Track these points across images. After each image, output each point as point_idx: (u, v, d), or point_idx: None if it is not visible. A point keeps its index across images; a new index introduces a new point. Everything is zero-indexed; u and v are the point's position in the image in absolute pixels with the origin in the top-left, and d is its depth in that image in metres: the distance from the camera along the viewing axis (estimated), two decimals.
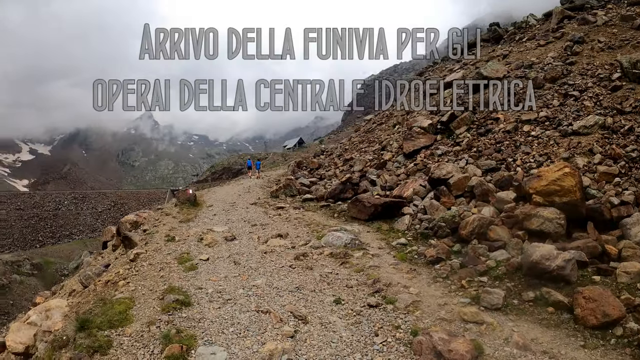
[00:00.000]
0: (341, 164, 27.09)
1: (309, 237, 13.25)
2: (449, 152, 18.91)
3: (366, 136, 30.96)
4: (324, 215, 16.88)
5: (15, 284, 61.11)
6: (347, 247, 12.17)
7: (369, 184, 19.67)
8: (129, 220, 17.18)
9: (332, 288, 9.35)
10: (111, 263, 12.60)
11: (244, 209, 18.80)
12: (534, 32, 27.45)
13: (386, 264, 10.90)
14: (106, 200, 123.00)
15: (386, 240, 13.07)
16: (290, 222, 15.58)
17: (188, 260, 10.84)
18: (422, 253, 11.50)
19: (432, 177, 15.98)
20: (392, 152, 22.90)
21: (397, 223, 14.45)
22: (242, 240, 13.02)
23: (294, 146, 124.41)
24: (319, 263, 10.92)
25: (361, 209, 15.50)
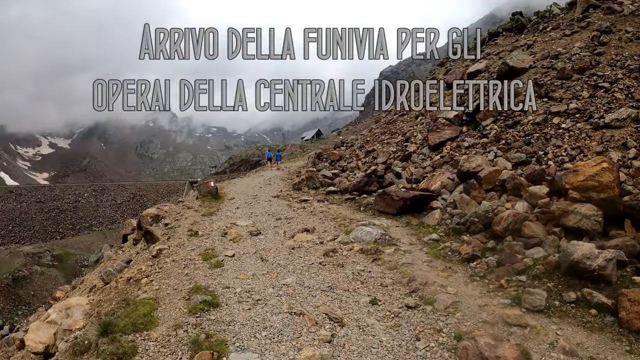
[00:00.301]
0: (363, 156, 26.61)
1: (336, 232, 12.68)
2: (476, 144, 18.23)
3: (387, 127, 30.30)
4: (349, 209, 16.30)
5: (36, 275, 62.43)
6: (377, 242, 11.59)
7: (394, 176, 19.05)
8: (150, 214, 16.81)
9: (366, 287, 8.78)
10: (132, 259, 12.20)
11: (266, 202, 18.31)
12: (558, 21, 26.37)
13: (420, 261, 10.31)
14: (125, 192, 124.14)
15: (417, 236, 12.45)
16: (316, 215, 15.03)
17: (213, 256, 10.34)
18: (456, 250, 10.88)
19: (461, 170, 15.25)
20: (416, 144, 22.21)
21: (427, 218, 13.81)
22: (267, 235, 12.49)
23: (312, 137, 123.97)
24: (349, 260, 10.35)
25: (389, 203, 14.88)
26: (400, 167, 19.88)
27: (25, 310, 54.59)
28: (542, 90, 18.43)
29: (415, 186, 17.27)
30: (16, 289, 58.51)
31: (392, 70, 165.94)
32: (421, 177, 17.92)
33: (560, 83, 18.34)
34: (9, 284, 58.20)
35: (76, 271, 66.52)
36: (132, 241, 17.46)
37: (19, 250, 69.53)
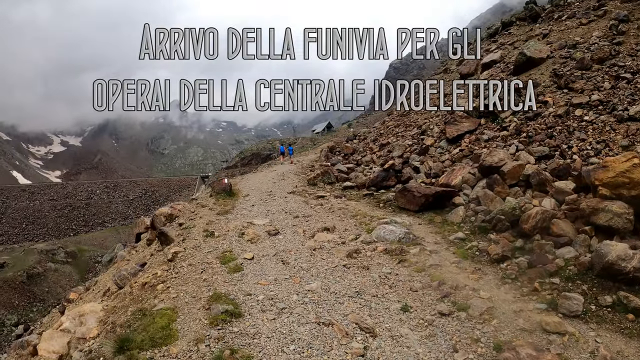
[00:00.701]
0: (377, 149, 26.03)
1: (357, 231, 12.15)
2: (496, 137, 17.60)
3: (402, 120, 29.64)
4: (368, 205, 15.76)
5: (50, 272, 63.21)
6: (401, 242, 11.05)
7: (412, 170, 18.47)
8: (164, 213, 16.42)
9: (395, 292, 8.24)
10: (147, 261, 11.79)
11: (282, 199, 17.82)
12: (574, 9, 25.65)
13: (447, 263, 9.77)
14: (137, 188, 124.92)
15: (441, 234, 11.90)
16: (334, 213, 14.50)
17: (231, 259, 9.86)
18: (484, 250, 10.37)
19: (483, 165, 14.61)
20: (433, 137, 21.55)
21: (451, 215, 13.23)
22: (286, 235, 11.99)
23: (322, 130, 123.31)
24: (374, 261, 9.82)
25: (410, 199, 14.31)
26: (418, 161, 19.27)
27: (40, 307, 55.77)
28: (561, 81, 17.77)
29: (434, 181, 16.71)
30: (30, 286, 59.07)
31: (402, 63, 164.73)
32: (440, 172, 17.35)
33: (580, 74, 17.64)
34: (24, 281, 58.73)
35: (90, 267, 67.08)
36: (146, 241, 17.11)
37: (33, 248, 70.24)
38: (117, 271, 12.27)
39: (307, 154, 48.46)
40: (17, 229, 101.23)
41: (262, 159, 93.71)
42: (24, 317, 52.24)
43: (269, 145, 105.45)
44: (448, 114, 22.38)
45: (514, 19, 32.19)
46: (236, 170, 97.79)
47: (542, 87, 18.45)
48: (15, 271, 59.97)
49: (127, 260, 17.60)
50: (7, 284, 57.18)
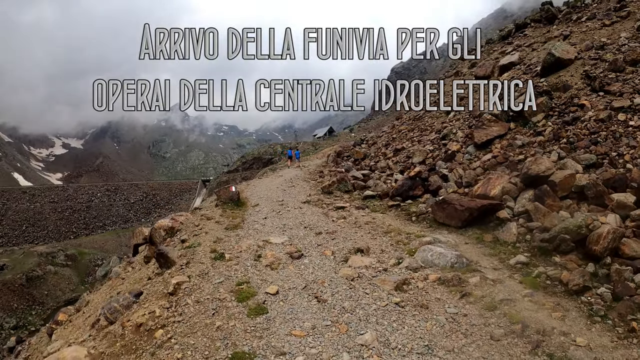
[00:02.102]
0: (391, 155, 24.27)
1: (397, 253, 10.08)
2: (532, 142, 15.80)
3: (415, 124, 27.90)
4: (397, 219, 13.71)
5: (50, 274, 62.29)
6: (454, 268, 9.02)
7: (440, 179, 16.49)
8: (163, 226, 14.35)
9: (474, 343, 6.19)
10: (144, 289, 9.68)
11: (297, 210, 15.78)
12: (592, 11, 24.27)
13: (519, 296, 7.78)
14: (138, 191, 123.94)
15: (497, 257, 9.86)
16: (362, 228, 12.43)
17: (250, 294, 7.75)
18: (556, 278, 8.49)
19: (528, 174, 12.62)
20: (458, 141, 19.61)
21: (502, 232, 11.18)
22: (312, 258, 9.88)
23: (324, 135, 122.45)
24: (431, 296, 7.75)
25: (451, 214, 12.23)
26: (446, 169, 17.29)
27: (39, 310, 55.16)
28: (595, 83, 16.27)
29: (467, 191, 14.75)
30: (30, 288, 58.18)
31: (404, 67, 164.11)
32: (473, 181, 15.38)
33: (614, 76, 16.20)
34: (23, 284, 57.85)
35: (90, 270, 65.94)
36: (144, 258, 15.02)
37: (33, 250, 69.58)
38: (108, 302, 10.18)
39: (311, 158, 46.69)
40: (17, 231, 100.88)
41: (263, 163, 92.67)
42: (23, 320, 52.32)
43: (271, 149, 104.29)
44: (472, 118, 20.66)
45: (528, 21, 30.80)
46: (237, 175, 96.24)
47: (574, 89, 16.92)
48: (14, 274, 59.20)
49: (122, 279, 15.53)
50: (6, 286, 56.37)
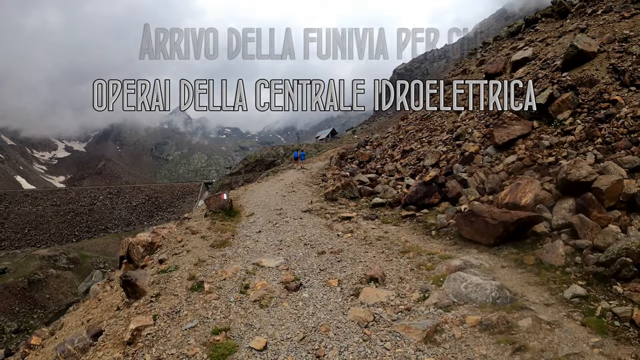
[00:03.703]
0: (399, 156, 22.53)
1: (421, 282, 8.01)
2: (561, 143, 13.86)
3: (423, 124, 26.21)
4: (414, 233, 11.67)
5: (52, 278, 60.98)
6: (496, 304, 6.97)
7: (459, 184, 14.48)
8: (142, 242, 12.43)
9: None
10: (104, 329, 7.70)
11: (297, 221, 13.80)
12: (607, 4, 22.83)
13: (586, 347, 5.80)
14: (140, 194, 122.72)
15: (545, 286, 7.76)
16: (373, 246, 10.41)
17: (229, 350, 5.66)
18: (625, 317, 6.53)
19: (568, 180, 10.58)
20: (475, 142, 17.72)
21: (546, 253, 9.06)
22: (313, 290, 7.82)
23: (326, 137, 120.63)
24: (474, 351, 5.70)
25: (481, 229, 10.13)
26: (465, 173, 15.30)
27: (41, 314, 53.88)
28: (625, 77, 14.54)
29: (492, 198, 12.78)
30: (32, 292, 56.95)
31: (406, 68, 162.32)
32: (498, 187, 13.41)
33: None
34: (25, 288, 56.67)
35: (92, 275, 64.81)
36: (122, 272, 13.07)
37: (35, 254, 68.38)
38: (62, 343, 8.23)
39: (313, 160, 44.83)
40: (19, 234, 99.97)
41: (266, 165, 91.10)
42: (25, 324, 51.17)
43: (273, 151, 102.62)
44: (488, 116, 18.85)
45: (538, 16, 29.39)
46: (240, 177, 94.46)
47: (602, 84, 15.19)
48: (16, 277, 58.09)
49: (99, 300, 13.58)
50: (7, 290, 55.24)
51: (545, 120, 15.69)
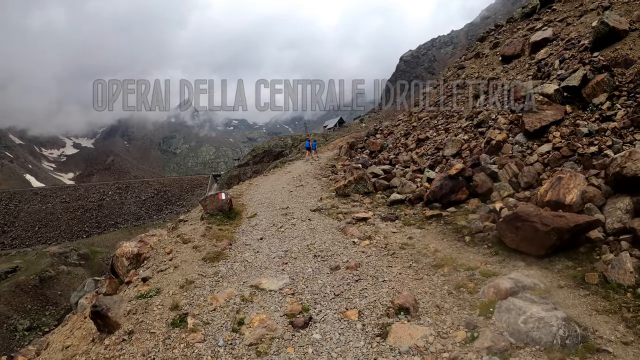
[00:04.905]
0: (414, 145, 20.76)
1: (464, 313, 6.18)
2: (602, 130, 12.00)
3: (438, 110, 24.28)
4: (444, 238, 9.80)
5: (63, 274, 61.03)
6: (565, 346, 5.21)
7: (489, 178, 12.58)
8: (127, 253, 10.77)
9: None
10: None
11: (305, 223, 12.03)
12: None
13: None
14: (149, 188, 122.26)
15: (619, 315, 5.97)
16: (397, 257, 8.60)
17: None
18: None
19: (622, 174, 8.67)
20: (501, 129, 15.74)
21: (612, 269, 7.08)
22: (327, 328, 6.01)
23: (334, 126, 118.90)
24: None
25: (529, 236, 8.17)
26: (495, 164, 13.37)
27: (53, 311, 53.65)
28: None
29: (529, 194, 10.93)
30: (43, 289, 56.74)
31: (412, 55, 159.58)
32: (534, 181, 11.53)
33: None
34: (36, 285, 56.44)
35: (102, 269, 64.05)
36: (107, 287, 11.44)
37: (46, 251, 67.68)
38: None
39: (322, 150, 43.09)
40: (29, 232, 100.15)
41: (274, 156, 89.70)
42: (37, 322, 51.05)
43: (281, 142, 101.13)
44: (513, 100, 16.97)
45: None
46: (248, 168, 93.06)
47: None
48: (27, 275, 57.83)
49: (84, 318, 12.05)
50: (19, 287, 55.05)
51: (579, 105, 13.83)
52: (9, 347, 44.67)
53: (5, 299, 52.04)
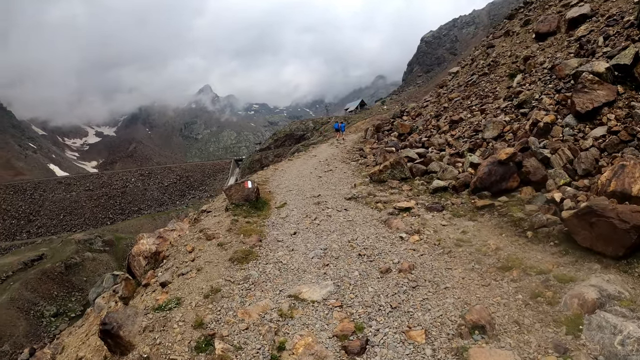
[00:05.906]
0: (446, 128, 19.34)
1: (549, 331, 4.88)
2: None
3: (470, 90, 22.62)
4: (502, 233, 8.37)
5: (88, 261, 61.81)
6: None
7: (540, 164, 11.08)
8: (144, 252, 9.70)
9: None
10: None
11: (341, 213, 10.77)
12: None
13: None
14: (172, 174, 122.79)
15: None
16: (455, 257, 7.28)
17: None
18: None
19: None
20: (547, 110, 14.09)
21: None
22: (388, 354, 4.65)
23: (355, 108, 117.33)
24: None
25: (606, 234, 6.71)
26: (546, 149, 11.80)
27: (79, 296, 54.17)
28: None
29: (589, 183, 9.55)
30: (69, 276, 57.47)
31: (433, 36, 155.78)
32: (592, 168, 10.08)
33: None
34: (62, 272, 57.32)
35: (127, 255, 64.23)
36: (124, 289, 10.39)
37: (71, 238, 68.70)
38: None
39: (345, 133, 41.56)
40: (55, 220, 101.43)
41: (295, 140, 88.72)
42: (63, 307, 51.86)
43: (302, 125, 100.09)
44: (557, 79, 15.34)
45: None
46: (270, 152, 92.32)
47: None
48: (53, 262, 58.64)
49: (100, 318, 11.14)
50: (46, 275, 55.81)
51: (631, 85, 12.19)
52: (36, 334, 45.55)
53: (32, 286, 52.64)
